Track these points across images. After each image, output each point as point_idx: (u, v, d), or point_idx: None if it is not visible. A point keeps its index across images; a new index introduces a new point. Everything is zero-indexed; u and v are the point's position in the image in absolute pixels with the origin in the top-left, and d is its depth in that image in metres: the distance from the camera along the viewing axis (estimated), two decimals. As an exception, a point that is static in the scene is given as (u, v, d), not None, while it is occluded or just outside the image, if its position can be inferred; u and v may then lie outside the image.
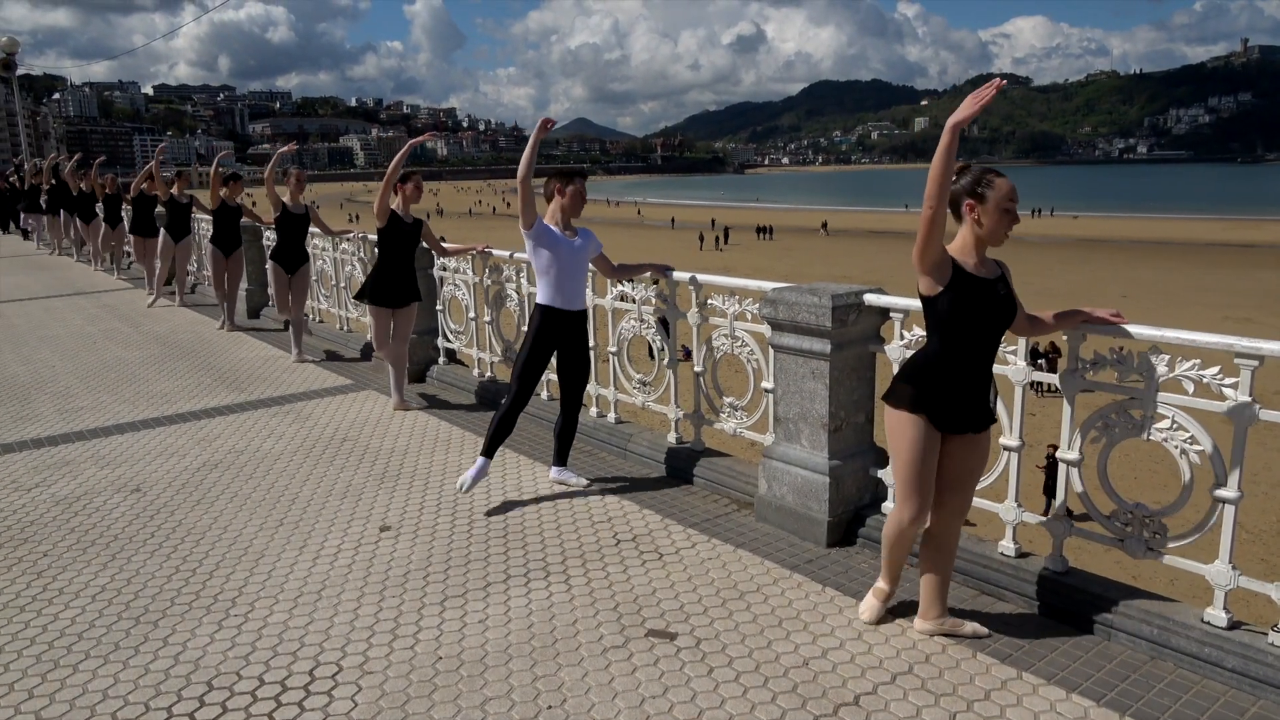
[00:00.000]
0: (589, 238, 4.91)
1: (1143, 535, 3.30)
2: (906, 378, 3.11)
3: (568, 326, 4.86)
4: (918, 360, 3.11)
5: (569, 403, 4.98)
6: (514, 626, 3.42)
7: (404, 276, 6.56)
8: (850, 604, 3.55)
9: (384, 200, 6.26)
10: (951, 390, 3.04)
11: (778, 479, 4.30)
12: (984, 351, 3.05)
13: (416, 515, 4.55)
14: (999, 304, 2.99)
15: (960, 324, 2.96)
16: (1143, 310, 26.75)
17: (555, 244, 4.71)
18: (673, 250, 47.60)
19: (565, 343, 4.90)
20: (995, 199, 2.93)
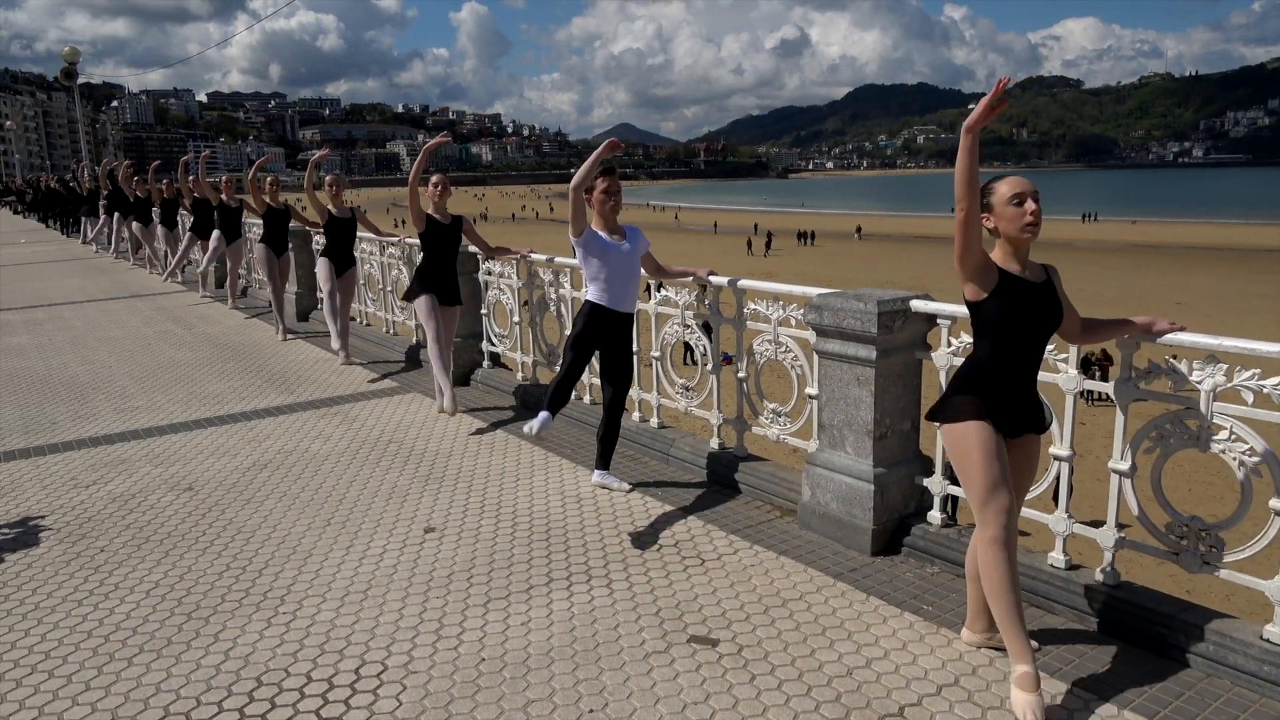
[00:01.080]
0: (637, 239, 4.92)
1: (1198, 549, 3.22)
2: (960, 389, 3.04)
3: (614, 327, 4.87)
4: (967, 370, 3.06)
5: (612, 406, 4.99)
6: (556, 629, 3.43)
7: (448, 276, 6.64)
8: (895, 613, 3.52)
9: (414, 206, 6.42)
10: (1005, 394, 2.99)
11: (821, 486, 4.27)
12: (1032, 355, 3.00)
13: (460, 517, 4.59)
14: (1046, 307, 2.95)
15: (1009, 328, 2.92)
16: (1199, 318, 26.08)
17: (604, 250, 4.72)
18: (716, 255, 47.52)
19: (610, 343, 4.91)
20: (998, 201, 2.93)
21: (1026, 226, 2.89)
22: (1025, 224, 2.89)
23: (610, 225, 4.82)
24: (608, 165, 4.81)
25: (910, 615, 3.50)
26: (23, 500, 5.03)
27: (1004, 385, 2.98)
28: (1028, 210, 2.88)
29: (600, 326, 4.83)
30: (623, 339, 4.95)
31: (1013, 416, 3.01)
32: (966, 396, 3.00)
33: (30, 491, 5.17)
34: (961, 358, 3.84)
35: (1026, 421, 3.05)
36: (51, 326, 11.07)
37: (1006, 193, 2.91)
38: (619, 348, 4.96)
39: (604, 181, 4.76)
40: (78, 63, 31.48)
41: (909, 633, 3.37)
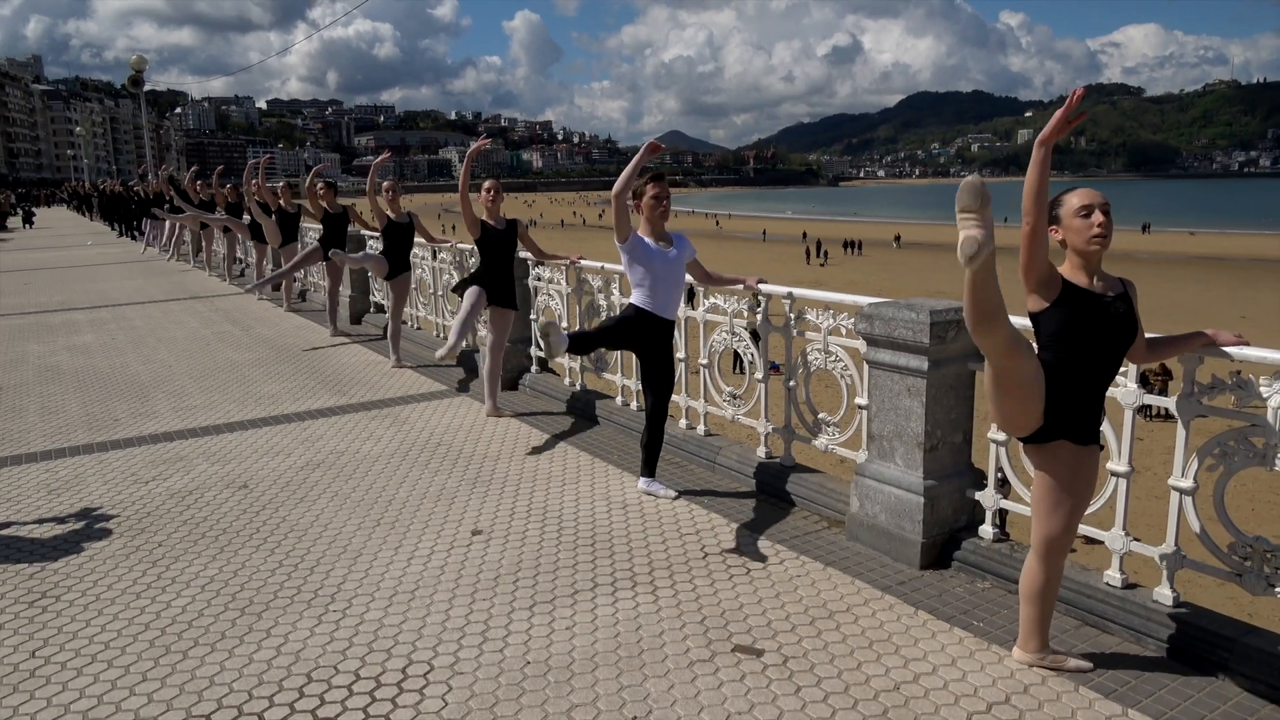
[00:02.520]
0: (683, 246, 4.91)
1: (1263, 570, 3.11)
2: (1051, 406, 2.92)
3: (655, 331, 4.87)
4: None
5: (654, 414, 4.98)
6: (601, 635, 3.44)
7: (505, 280, 6.70)
8: (944, 628, 3.46)
9: (468, 213, 6.54)
10: (1076, 404, 2.91)
11: (870, 497, 4.22)
12: (1102, 368, 2.91)
13: (507, 520, 4.63)
14: (1115, 321, 2.86)
15: (1072, 341, 2.85)
16: (1264, 333, 25.25)
17: (649, 258, 4.73)
18: (766, 263, 47.29)
19: (649, 347, 4.90)
20: (1066, 213, 2.89)
21: (1094, 239, 2.83)
22: (1093, 236, 2.83)
23: (658, 231, 4.82)
24: (657, 172, 4.84)
25: (960, 631, 3.44)
26: (86, 494, 5.18)
27: (1074, 398, 2.89)
28: (1095, 222, 2.82)
29: (640, 328, 4.83)
30: (663, 345, 4.94)
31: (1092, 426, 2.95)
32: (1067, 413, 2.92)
33: (93, 486, 5.33)
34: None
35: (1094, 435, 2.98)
36: (115, 326, 11.41)
37: (1075, 204, 2.86)
38: (660, 354, 4.94)
39: (654, 187, 4.76)
40: (145, 71, 32.48)
41: (958, 649, 3.31)
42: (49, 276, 17.82)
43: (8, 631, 3.57)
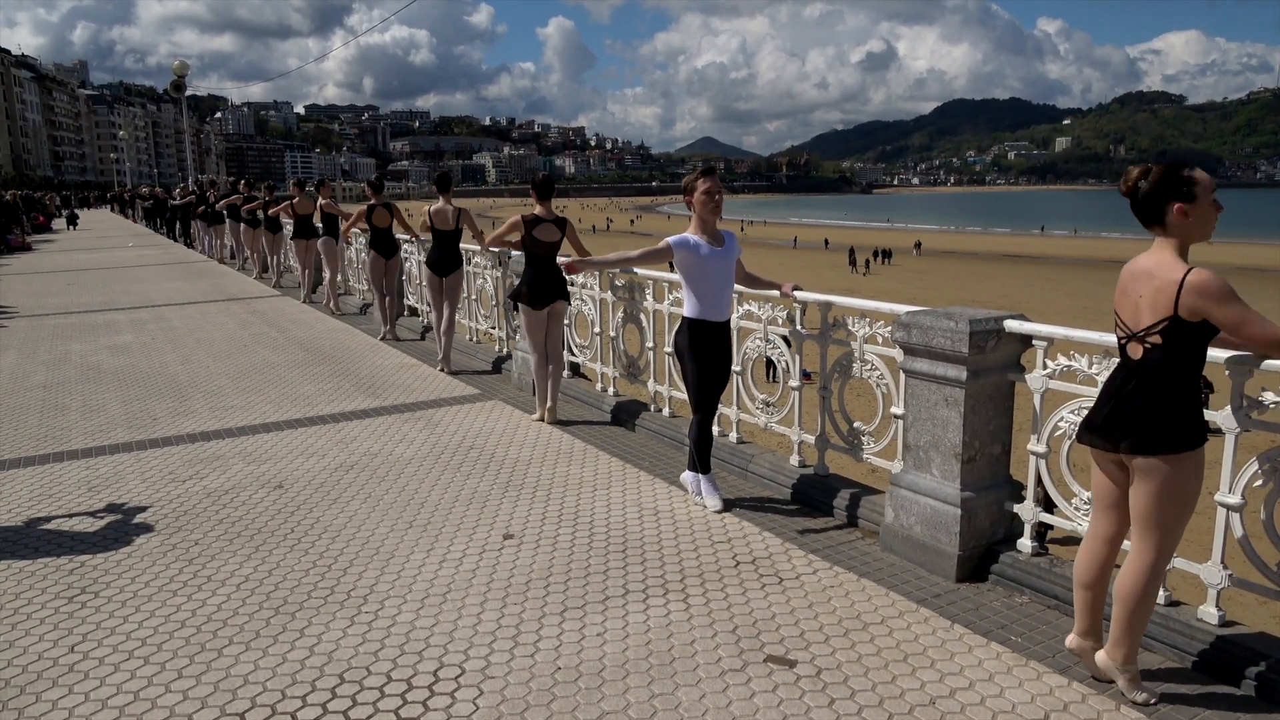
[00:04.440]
0: (732, 243, 4.88)
1: (1315, 591, 3.03)
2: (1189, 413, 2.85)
3: (717, 339, 4.85)
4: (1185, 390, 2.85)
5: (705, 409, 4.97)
6: (632, 642, 3.42)
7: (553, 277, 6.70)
8: (980, 642, 3.40)
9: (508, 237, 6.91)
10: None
11: (905, 508, 4.17)
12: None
13: (539, 525, 4.62)
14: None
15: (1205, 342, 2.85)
16: (1309, 345, 24.66)
17: (696, 257, 4.71)
18: (798, 270, 47.08)
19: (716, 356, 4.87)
20: (1203, 193, 2.82)
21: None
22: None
23: (705, 229, 4.79)
24: (708, 166, 4.98)
25: (997, 645, 3.38)
26: (125, 492, 5.26)
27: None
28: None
29: (704, 342, 4.81)
30: (723, 348, 4.92)
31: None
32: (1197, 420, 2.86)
33: (131, 484, 5.41)
34: (1059, 380, 3.70)
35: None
36: (154, 327, 11.60)
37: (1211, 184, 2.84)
38: (721, 357, 4.92)
39: (705, 182, 4.76)
40: (186, 76, 33.06)
41: (996, 664, 3.25)
42: (91, 277, 18.18)
43: (48, 626, 3.63)
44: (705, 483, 4.88)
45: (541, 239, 6.61)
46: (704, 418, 4.90)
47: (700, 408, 4.88)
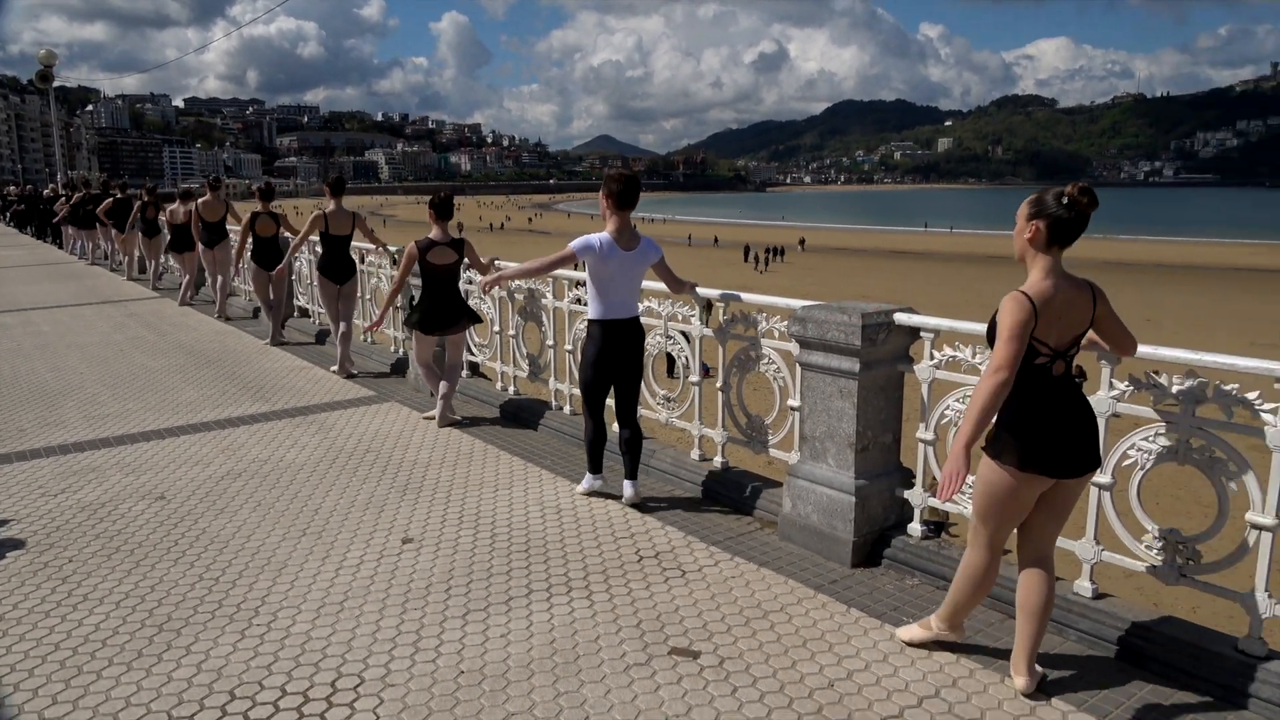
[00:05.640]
0: (648, 247, 4.82)
1: (1175, 561, 3.24)
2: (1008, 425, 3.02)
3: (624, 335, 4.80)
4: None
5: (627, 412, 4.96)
6: (536, 641, 3.40)
7: (449, 301, 6.57)
8: (875, 625, 3.51)
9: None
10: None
11: (803, 498, 4.27)
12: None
13: (438, 528, 4.54)
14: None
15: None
16: (1169, 335, 26.40)
17: (602, 260, 4.66)
18: (693, 268, 47.65)
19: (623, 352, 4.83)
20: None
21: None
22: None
23: (624, 232, 4.72)
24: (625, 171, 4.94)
25: (890, 627, 3.49)
26: (-11, 508, 4.92)
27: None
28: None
29: (613, 340, 4.77)
30: (632, 347, 4.86)
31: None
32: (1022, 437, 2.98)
33: (-3, 499, 5.06)
34: (945, 370, 3.86)
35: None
36: (20, 331, 10.89)
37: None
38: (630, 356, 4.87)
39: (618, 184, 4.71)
40: (54, 66, 31.13)
41: (890, 645, 3.36)
42: (-53, 280, 16.92)
43: (-98, 656, 3.36)
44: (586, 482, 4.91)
45: (436, 263, 6.43)
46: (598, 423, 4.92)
47: (591, 406, 4.91)
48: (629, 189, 4.73)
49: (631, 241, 4.73)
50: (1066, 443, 2.88)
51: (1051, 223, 2.82)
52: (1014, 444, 2.87)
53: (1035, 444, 2.85)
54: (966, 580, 3.17)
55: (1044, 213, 2.83)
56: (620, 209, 4.70)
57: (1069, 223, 2.81)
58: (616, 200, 4.70)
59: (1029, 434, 2.86)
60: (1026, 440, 2.86)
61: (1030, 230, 2.86)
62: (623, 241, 4.70)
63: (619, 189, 4.70)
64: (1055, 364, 2.86)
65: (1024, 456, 2.85)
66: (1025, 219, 2.88)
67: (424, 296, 6.56)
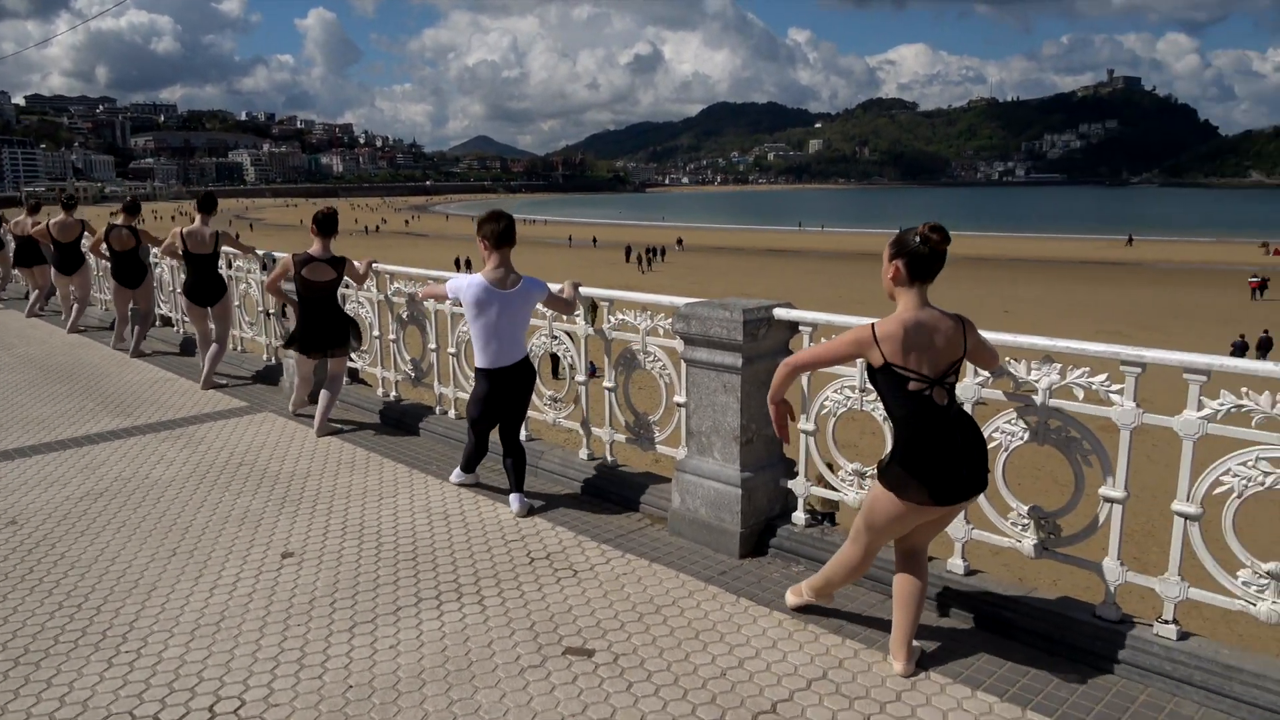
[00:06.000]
0: (529, 287, 4.71)
1: (1039, 536, 3.45)
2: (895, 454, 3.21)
3: (509, 381, 4.74)
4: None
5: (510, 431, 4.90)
6: (427, 650, 3.33)
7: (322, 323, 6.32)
8: (764, 613, 3.60)
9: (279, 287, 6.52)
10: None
11: (691, 492, 4.34)
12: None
13: (320, 540, 4.40)
14: None
15: None
16: (1025, 324, 28.06)
17: (475, 305, 4.59)
18: (580, 268, 47.63)
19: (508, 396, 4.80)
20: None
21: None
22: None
23: (502, 272, 4.62)
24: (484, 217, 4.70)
25: (779, 614, 3.59)
26: None
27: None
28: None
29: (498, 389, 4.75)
30: (519, 389, 4.82)
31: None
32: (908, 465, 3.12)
33: None
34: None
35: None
36: None
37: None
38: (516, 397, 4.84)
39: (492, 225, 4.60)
40: None
41: (778, 631, 3.46)
42: None
43: None
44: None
45: (313, 279, 6.18)
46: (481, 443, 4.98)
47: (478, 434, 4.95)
48: (506, 228, 4.63)
49: (510, 281, 4.65)
50: (957, 473, 3.00)
51: (910, 260, 2.98)
52: (908, 479, 2.98)
53: (929, 479, 2.97)
54: (841, 567, 3.37)
55: (904, 252, 2.98)
56: (498, 248, 4.61)
57: (927, 259, 2.97)
58: (493, 240, 4.60)
59: (923, 469, 2.97)
60: (922, 475, 2.96)
61: (892, 270, 3.02)
62: (501, 283, 4.61)
63: (493, 229, 4.60)
64: (935, 392, 2.96)
65: (919, 492, 2.98)
66: (888, 259, 3.03)
67: (302, 316, 6.31)
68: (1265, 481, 2.90)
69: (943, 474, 2.98)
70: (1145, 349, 3.13)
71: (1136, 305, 35.88)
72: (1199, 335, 27.03)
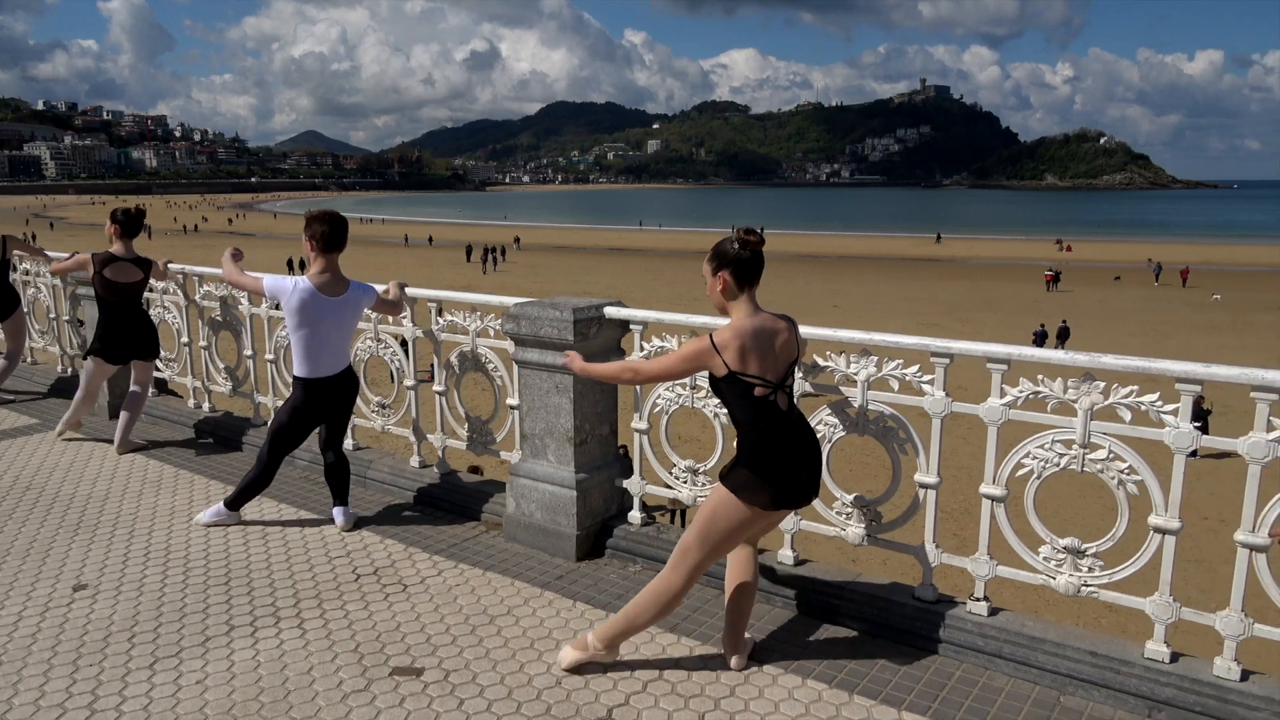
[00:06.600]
0: (359, 292, 4.43)
1: (863, 524, 3.57)
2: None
3: (332, 391, 4.43)
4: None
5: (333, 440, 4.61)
6: (239, 683, 3.08)
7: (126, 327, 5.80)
8: (601, 616, 3.56)
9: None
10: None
11: (525, 496, 4.24)
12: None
13: (120, 569, 4.01)
14: None
15: None
16: (854, 317, 29.55)
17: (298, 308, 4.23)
18: (417, 268, 46.36)
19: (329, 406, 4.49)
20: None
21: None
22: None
23: (331, 276, 4.31)
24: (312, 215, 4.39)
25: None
26: None
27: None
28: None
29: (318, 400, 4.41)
30: (342, 399, 4.52)
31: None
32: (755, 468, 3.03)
33: None
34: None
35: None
36: None
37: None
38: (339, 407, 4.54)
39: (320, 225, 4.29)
40: None
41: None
42: None
43: None
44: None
45: (117, 280, 5.65)
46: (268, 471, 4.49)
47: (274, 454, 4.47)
48: (335, 230, 4.30)
49: (338, 287, 4.34)
50: (801, 476, 3.01)
51: (736, 269, 2.96)
52: (755, 482, 2.93)
53: (775, 483, 2.94)
54: (652, 603, 3.07)
55: (727, 262, 2.96)
56: (327, 251, 4.30)
57: (750, 264, 2.97)
58: (322, 243, 4.26)
59: (769, 473, 2.94)
60: (768, 479, 2.93)
61: (720, 283, 2.98)
62: (329, 289, 4.30)
63: (324, 230, 4.27)
64: (777, 396, 2.98)
65: (763, 496, 2.94)
66: (711, 274, 2.99)
67: (104, 320, 5.75)
68: (1060, 462, 3.10)
69: (786, 478, 2.97)
70: (953, 341, 3.28)
71: (951, 298, 38.46)
72: (1006, 325, 29.27)
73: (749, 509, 2.97)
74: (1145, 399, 2.91)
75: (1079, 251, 62.26)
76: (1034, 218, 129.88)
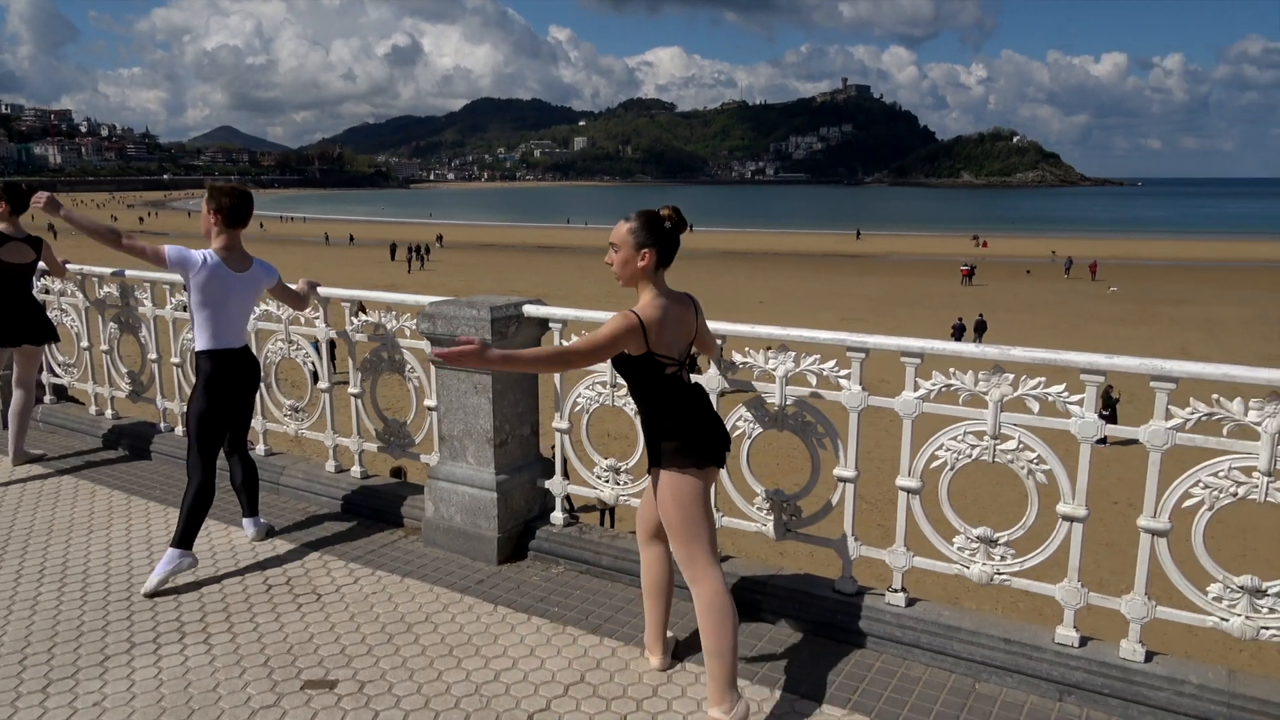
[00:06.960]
0: (261, 270, 4.25)
1: (782, 518, 3.58)
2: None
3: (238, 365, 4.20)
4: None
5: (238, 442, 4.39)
6: (140, 703, 2.94)
7: (17, 310, 5.49)
8: (523, 619, 3.50)
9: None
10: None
11: (445, 499, 4.15)
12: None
13: (10, 588, 3.79)
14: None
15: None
16: (779, 313, 29.96)
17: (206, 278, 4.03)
18: (339, 267, 45.31)
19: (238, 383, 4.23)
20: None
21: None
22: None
23: (233, 251, 4.12)
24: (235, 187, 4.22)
25: (538, 619, 3.50)
26: None
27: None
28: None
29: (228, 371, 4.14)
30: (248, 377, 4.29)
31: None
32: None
33: None
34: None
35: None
36: None
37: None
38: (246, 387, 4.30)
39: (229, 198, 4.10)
40: None
41: (536, 637, 3.36)
42: None
43: None
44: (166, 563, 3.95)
45: (9, 260, 5.37)
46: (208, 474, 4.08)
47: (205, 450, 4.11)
48: (241, 204, 4.13)
49: (243, 263, 4.16)
50: (718, 436, 3.00)
51: (663, 247, 2.91)
52: (687, 448, 2.89)
53: (704, 443, 2.92)
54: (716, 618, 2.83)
55: (656, 239, 2.89)
56: (231, 226, 4.12)
57: (674, 243, 2.94)
58: (226, 216, 4.08)
59: (695, 437, 2.91)
60: (697, 443, 2.90)
61: (644, 258, 2.89)
62: (233, 263, 4.11)
63: (230, 203, 4.09)
64: (683, 373, 2.98)
65: (702, 455, 2.90)
66: (634, 248, 2.89)
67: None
68: (972, 454, 3.16)
69: (712, 433, 2.97)
70: (868, 335, 3.31)
71: (874, 293, 39.28)
72: (926, 319, 30.03)
73: (698, 473, 2.90)
74: (1052, 390, 2.98)
75: (994, 247, 64.23)
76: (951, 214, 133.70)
